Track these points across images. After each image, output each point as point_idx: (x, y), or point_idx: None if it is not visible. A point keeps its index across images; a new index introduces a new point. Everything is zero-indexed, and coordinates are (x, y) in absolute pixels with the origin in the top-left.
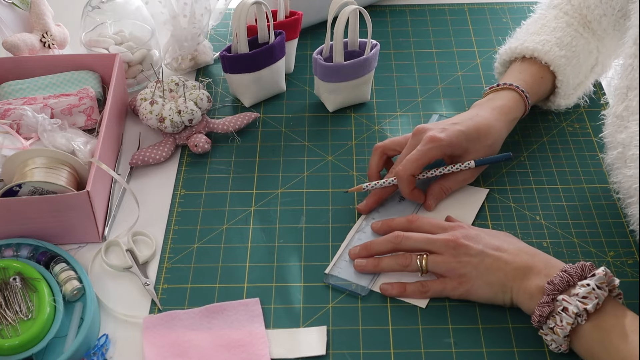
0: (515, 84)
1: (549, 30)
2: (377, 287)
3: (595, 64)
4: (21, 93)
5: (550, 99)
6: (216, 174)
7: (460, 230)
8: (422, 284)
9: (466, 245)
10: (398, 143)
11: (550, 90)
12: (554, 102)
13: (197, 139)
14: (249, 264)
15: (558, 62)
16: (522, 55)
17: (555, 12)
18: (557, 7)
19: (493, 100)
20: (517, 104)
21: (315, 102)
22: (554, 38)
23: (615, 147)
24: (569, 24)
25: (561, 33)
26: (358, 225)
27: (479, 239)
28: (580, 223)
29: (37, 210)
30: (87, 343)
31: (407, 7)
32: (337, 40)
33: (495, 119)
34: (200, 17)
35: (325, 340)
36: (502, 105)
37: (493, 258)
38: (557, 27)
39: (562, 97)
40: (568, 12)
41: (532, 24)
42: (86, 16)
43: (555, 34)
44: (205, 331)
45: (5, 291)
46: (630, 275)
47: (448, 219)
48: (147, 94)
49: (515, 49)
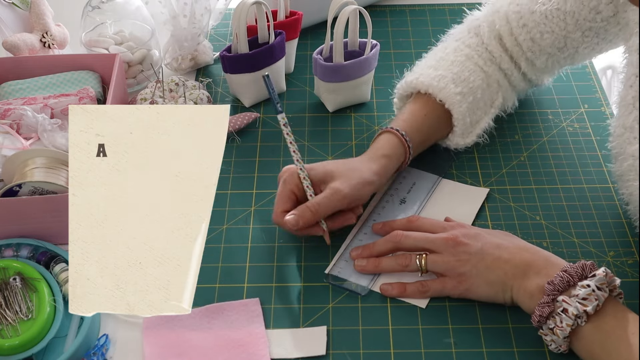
0: (396, 127)
1: (446, 65)
2: (377, 287)
3: (496, 98)
4: (21, 93)
5: (449, 137)
6: None
7: (460, 229)
8: (421, 284)
9: (465, 243)
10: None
11: (448, 127)
12: (453, 140)
13: None
14: (249, 264)
15: (453, 100)
16: (417, 90)
17: (457, 45)
18: (460, 40)
19: (371, 148)
20: (390, 142)
21: (315, 102)
22: (450, 73)
23: (626, 158)
24: (469, 57)
25: (459, 68)
26: (359, 226)
27: (479, 237)
28: (580, 223)
29: (37, 210)
30: (87, 343)
31: (407, 7)
32: (337, 40)
33: (359, 162)
34: (200, 17)
35: (325, 340)
36: (372, 147)
37: (493, 256)
38: (455, 61)
39: (458, 135)
40: (471, 45)
41: (432, 56)
42: (86, 16)
43: (453, 68)
44: (205, 331)
45: (5, 291)
46: (630, 275)
47: (447, 220)
48: (147, 94)
49: (411, 83)
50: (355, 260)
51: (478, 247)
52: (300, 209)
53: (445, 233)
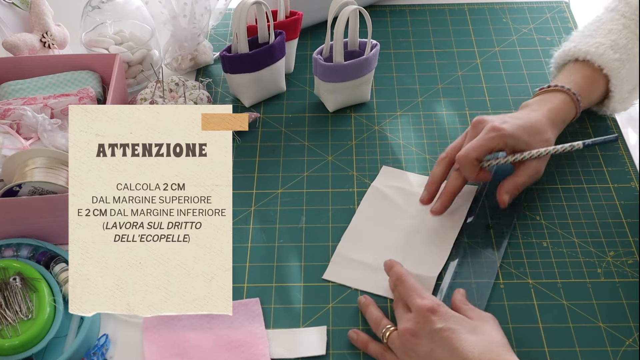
0: (567, 86)
1: (603, 33)
2: (379, 289)
3: None
4: (21, 93)
5: (604, 103)
6: None
7: (425, 318)
8: (382, 354)
9: (416, 342)
10: (458, 147)
11: (604, 94)
12: (609, 106)
13: None
14: (249, 264)
15: (611, 66)
16: (575, 58)
17: (612, 15)
18: (615, 10)
19: (543, 101)
20: (567, 106)
21: (315, 102)
22: (608, 40)
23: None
24: (626, 26)
25: (616, 35)
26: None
27: (436, 336)
28: (580, 223)
29: (37, 210)
30: (87, 343)
31: (407, 7)
32: (337, 40)
33: (546, 119)
34: (200, 17)
35: (325, 340)
36: (552, 108)
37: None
38: (612, 30)
39: (616, 101)
40: (625, 14)
41: (588, 27)
42: (86, 16)
43: (610, 36)
44: (205, 331)
45: (5, 291)
46: (630, 275)
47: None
48: (147, 94)
49: (569, 51)
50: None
51: (426, 351)
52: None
53: (411, 321)
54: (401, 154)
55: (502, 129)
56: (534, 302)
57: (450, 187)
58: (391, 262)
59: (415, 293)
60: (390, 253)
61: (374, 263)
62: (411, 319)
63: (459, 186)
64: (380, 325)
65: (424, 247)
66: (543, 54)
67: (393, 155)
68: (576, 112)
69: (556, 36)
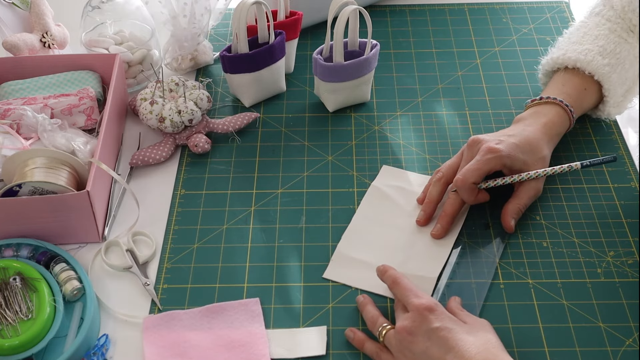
0: (559, 97)
1: (591, 39)
2: (378, 289)
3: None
4: (21, 93)
5: (599, 108)
6: (216, 174)
7: (424, 319)
8: (377, 353)
9: (412, 340)
10: (454, 166)
11: (597, 100)
12: (604, 110)
13: (197, 139)
14: (249, 264)
15: (602, 71)
16: (564, 66)
17: (597, 20)
18: (599, 14)
19: (537, 114)
20: (561, 118)
21: (315, 102)
22: (596, 47)
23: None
24: (612, 31)
25: (604, 41)
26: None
27: (432, 335)
28: (580, 223)
29: (37, 210)
30: (87, 343)
31: (407, 7)
32: (337, 40)
33: (542, 134)
34: (200, 17)
35: (325, 340)
36: (547, 122)
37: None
38: (599, 35)
39: (611, 105)
40: (610, 18)
41: (574, 33)
42: (86, 16)
43: (598, 42)
44: (205, 331)
45: (5, 291)
46: (630, 275)
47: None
48: (147, 94)
49: (557, 59)
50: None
51: (422, 349)
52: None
53: (407, 320)
54: (401, 154)
55: (498, 150)
56: (534, 302)
57: (449, 210)
58: (384, 267)
59: (411, 293)
60: (391, 252)
61: (374, 262)
62: (408, 317)
63: (458, 209)
64: (377, 323)
65: (424, 246)
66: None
67: (393, 155)
68: (570, 124)
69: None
